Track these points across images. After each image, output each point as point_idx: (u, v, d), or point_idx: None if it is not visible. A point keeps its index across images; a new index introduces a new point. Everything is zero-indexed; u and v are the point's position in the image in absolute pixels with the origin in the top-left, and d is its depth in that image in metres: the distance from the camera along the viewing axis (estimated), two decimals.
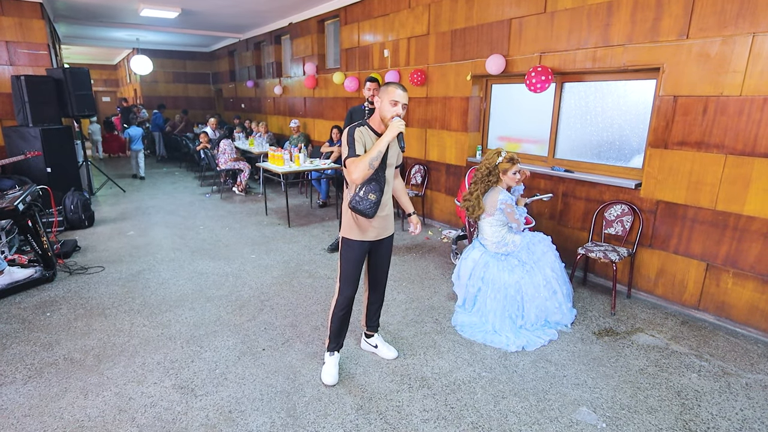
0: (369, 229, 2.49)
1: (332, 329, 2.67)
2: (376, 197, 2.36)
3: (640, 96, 3.79)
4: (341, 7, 7.12)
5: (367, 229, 2.49)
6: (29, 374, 2.73)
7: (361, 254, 2.55)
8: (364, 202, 2.35)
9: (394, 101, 2.32)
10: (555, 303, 3.24)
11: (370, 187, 2.36)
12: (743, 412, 2.43)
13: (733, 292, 3.28)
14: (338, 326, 2.66)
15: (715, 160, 3.23)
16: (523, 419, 2.36)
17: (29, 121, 5.99)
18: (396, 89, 2.33)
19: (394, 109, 2.32)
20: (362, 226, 2.48)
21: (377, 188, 2.37)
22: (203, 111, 15.00)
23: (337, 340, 2.70)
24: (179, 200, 7.42)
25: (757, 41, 2.93)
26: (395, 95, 2.32)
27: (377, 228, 2.51)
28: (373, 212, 2.38)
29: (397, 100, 2.32)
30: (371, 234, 2.50)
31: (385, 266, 2.72)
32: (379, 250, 2.62)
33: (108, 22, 9.67)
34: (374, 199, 2.35)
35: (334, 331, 2.67)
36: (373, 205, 2.36)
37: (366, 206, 2.36)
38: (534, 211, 4.50)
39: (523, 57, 4.42)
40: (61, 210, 5.61)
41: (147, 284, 4.04)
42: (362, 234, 2.49)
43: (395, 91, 2.32)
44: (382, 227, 2.53)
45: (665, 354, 2.98)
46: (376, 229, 2.51)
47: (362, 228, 2.48)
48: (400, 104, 2.32)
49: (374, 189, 2.36)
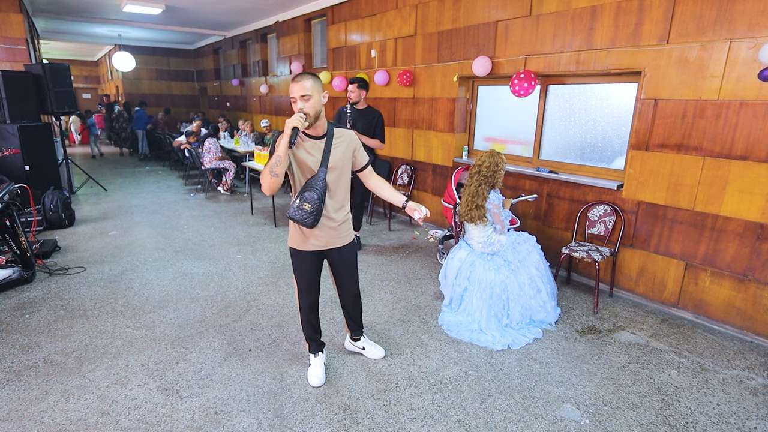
0: (311, 239, 2.33)
1: (306, 334, 2.66)
2: (311, 207, 2.16)
3: (622, 99, 3.87)
4: (328, 7, 7.10)
5: (308, 239, 2.33)
6: (7, 377, 2.66)
7: (310, 264, 2.40)
8: (299, 212, 2.19)
9: (291, 98, 2.12)
10: (539, 302, 3.30)
11: (304, 196, 2.18)
12: (720, 406, 2.51)
13: (710, 290, 3.37)
14: (310, 331, 2.63)
15: (694, 162, 3.32)
16: (509, 416, 2.40)
17: (6, 118, 5.83)
18: (292, 84, 2.11)
19: (295, 107, 2.12)
20: (305, 234, 2.33)
21: (313, 197, 2.16)
22: (187, 109, 14.79)
23: (314, 343, 2.67)
24: (163, 199, 7.31)
25: (733, 47, 3.03)
26: (290, 90, 2.12)
27: (323, 237, 2.33)
28: (311, 222, 2.21)
29: (293, 96, 2.11)
30: (316, 243, 2.34)
31: (347, 275, 2.54)
32: (335, 259, 2.46)
33: (89, 18, 9.46)
34: (309, 209, 2.16)
35: (308, 336, 2.65)
36: (308, 215, 2.18)
37: (301, 216, 2.19)
38: (519, 211, 4.56)
39: (509, 59, 4.47)
40: (40, 209, 5.48)
41: (130, 285, 3.97)
42: (305, 243, 2.34)
43: (291, 85, 2.11)
44: (330, 236, 2.34)
45: (646, 351, 3.05)
46: (322, 239, 2.34)
47: (305, 237, 2.33)
48: (297, 98, 2.10)
49: (309, 198, 2.17)
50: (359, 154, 2.38)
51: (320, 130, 2.23)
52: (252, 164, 6.23)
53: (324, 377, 2.66)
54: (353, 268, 2.58)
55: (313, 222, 2.22)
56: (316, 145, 2.23)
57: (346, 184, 2.37)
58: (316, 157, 2.22)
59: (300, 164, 2.24)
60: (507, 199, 3.66)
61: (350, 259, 2.52)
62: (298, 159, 2.23)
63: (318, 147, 2.23)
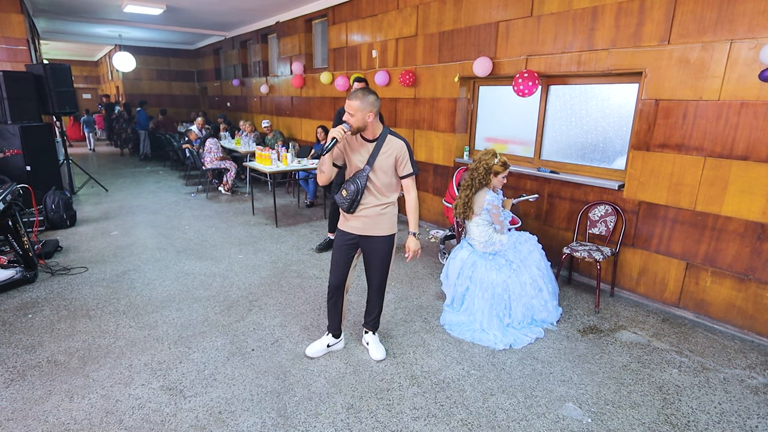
0: (346, 221, 2.70)
1: (327, 313, 2.93)
2: (347, 194, 2.58)
3: (623, 99, 3.89)
4: (329, 7, 7.11)
5: (348, 221, 2.69)
6: (11, 377, 2.67)
7: (343, 242, 2.72)
8: (338, 196, 2.64)
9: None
10: (541, 301, 3.31)
11: (346, 185, 2.61)
12: (721, 405, 2.52)
13: (711, 290, 3.39)
14: (330, 312, 2.89)
15: (695, 163, 3.33)
16: (512, 415, 2.41)
17: (8, 119, 5.83)
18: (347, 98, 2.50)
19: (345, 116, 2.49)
20: (346, 217, 2.71)
21: (351, 188, 2.57)
22: (188, 109, 14.80)
23: (331, 323, 2.92)
24: (164, 200, 7.31)
25: (734, 48, 3.04)
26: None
27: (355, 224, 2.66)
28: (346, 207, 2.61)
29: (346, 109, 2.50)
30: (349, 225, 2.69)
31: (374, 265, 2.75)
32: (367, 249, 2.73)
33: (90, 18, 9.46)
34: (345, 195, 2.59)
35: (328, 315, 2.92)
36: (343, 200, 2.60)
37: (340, 200, 2.63)
38: (520, 211, 4.57)
39: (510, 60, 4.49)
40: (42, 209, 5.48)
41: (132, 285, 3.98)
42: (344, 224, 2.72)
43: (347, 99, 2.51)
44: (362, 224, 2.65)
45: (647, 350, 3.06)
46: (355, 225, 2.67)
47: (345, 219, 2.71)
48: (347, 111, 2.47)
49: (348, 188, 2.59)
50: (402, 164, 2.61)
51: (371, 134, 2.56)
52: (253, 164, 6.24)
53: (317, 353, 2.91)
54: (383, 262, 2.75)
55: (348, 207, 2.61)
56: (366, 146, 2.58)
57: (389, 186, 2.64)
58: (363, 156, 2.58)
59: (350, 160, 2.63)
60: (508, 200, 3.67)
61: (380, 250, 2.72)
62: (349, 155, 2.63)
63: (368, 149, 2.57)
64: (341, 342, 3.01)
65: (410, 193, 2.67)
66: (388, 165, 2.56)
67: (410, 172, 2.62)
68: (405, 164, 2.59)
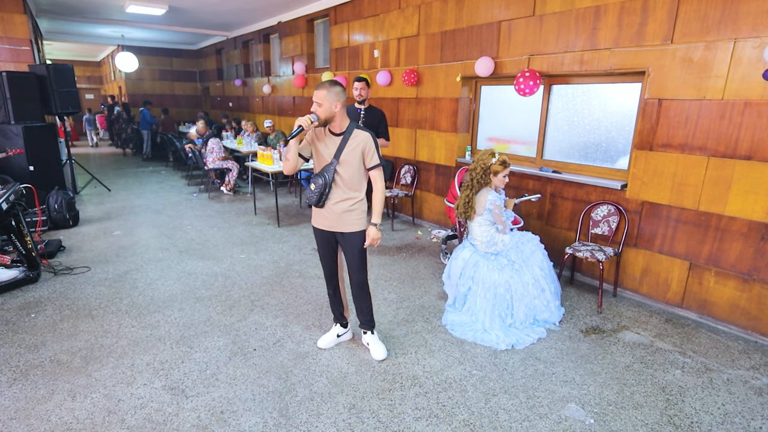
0: (319, 218, 2.75)
1: (329, 303, 3.03)
2: (315, 187, 2.63)
3: (626, 99, 3.87)
4: (331, 7, 7.11)
5: (317, 217, 2.76)
6: (14, 376, 2.68)
7: (321, 240, 2.81)
8: (308, 191, 2.69)
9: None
10: (543, 301, 3.30)
11: (314, 178, 2.67)
12: (725, 406, 2.51)
13: (714, 290, 3.37)
14: (331, 301, 3.00)
15: (698, 162, 3.31)
16: (514, 416, 2.40)
17: (11, 119, 5.85)
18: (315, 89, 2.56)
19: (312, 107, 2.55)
20: (316, 213, 2.77)
21: (319, 182, 2.62)
22: (190, 109, 14.83)
23: (334, 313, 3.03)
24: (166, 199, 7.33)
25: (738, 47, 3.03)
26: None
27: (327, 219, 2.71)
28: (314, 200, 2.66)
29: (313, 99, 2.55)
30: (321, 223, 2.75)
31: (350, 263, 2.79)
32: (342, 245, 2.81)
33: (92, 18, 9.49)
34: (313, 188, 2.64)
35: (330, 305, 3.03)
36: (312, 193, 2.65)
37: (308, 193, 2.69)
38: (522, 211, 4.56)
39: (512, 59, 4.48)
40: (45, 209, 5.50)
41: (135, 285, 3.99)
42: (316, 221, 2.79)
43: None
44: (331, 222, 2.71)
45: (650, 351, 3.05)
46: (327, 220, 2.72)
47: (316, 215, 2.78)
48: (314, 102, 2.53)
49: (316, 181, 2.64)
50: (369, 155, 2.64)
51: (338, 128, 2.61)
52: (255, 164, 6.24)
53: (328, 344, 3.00)
54: (356, 258, 2.76)
55: (317, 201, 2.65)
56: (333, 140, 2.62)
57: (358, 180, 2.66)
58: (331, 150, 2.62)
59: (318, 154, 2.68)
60: (510, 199, 3.66)
61: (353, 246, 2.74)
62: (317, 149, 2.67)
63: (335, 142, 2.61)
64: (349, 332, 3.10)
65: (377, 184, 2.71)
66: (354, 157, 2.60)
67: (377, 163, 2.66)
68: (372, 156, 2.64)
